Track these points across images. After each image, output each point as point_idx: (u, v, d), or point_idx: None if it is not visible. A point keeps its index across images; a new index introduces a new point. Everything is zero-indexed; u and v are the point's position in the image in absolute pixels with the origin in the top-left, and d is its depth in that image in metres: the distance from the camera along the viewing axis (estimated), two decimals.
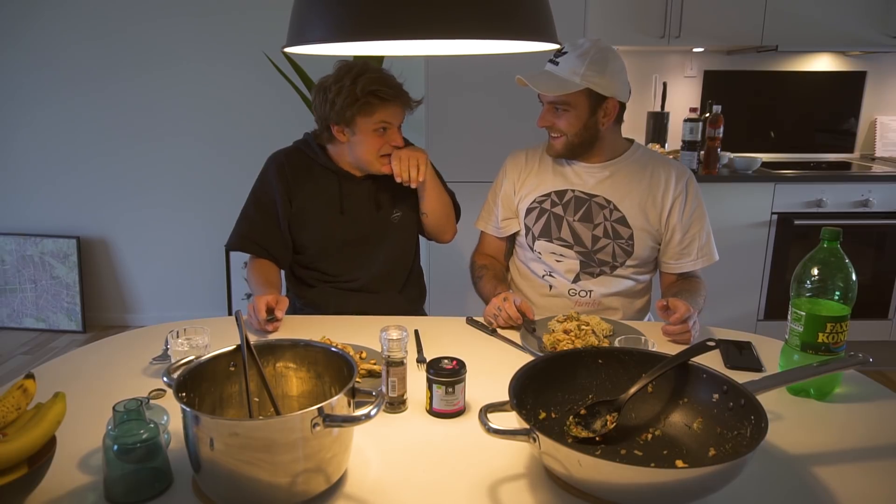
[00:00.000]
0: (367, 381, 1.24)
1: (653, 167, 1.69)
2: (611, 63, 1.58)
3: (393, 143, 1.69)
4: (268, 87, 3.32)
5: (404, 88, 1.68)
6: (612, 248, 1.68)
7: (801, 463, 1.00)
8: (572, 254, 1.71)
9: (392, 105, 1.64)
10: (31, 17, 3.35)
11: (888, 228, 3.18)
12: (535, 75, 1.61)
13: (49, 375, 1.27)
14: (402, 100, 1.66)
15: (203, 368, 0.98)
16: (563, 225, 1.70)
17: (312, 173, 1.76)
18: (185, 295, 3.71)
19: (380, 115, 1.64)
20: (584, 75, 1.56)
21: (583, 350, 1.15)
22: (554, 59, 1.62)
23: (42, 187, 3.57)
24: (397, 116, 1.68)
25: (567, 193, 1.71)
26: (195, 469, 0.89)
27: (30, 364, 3.23)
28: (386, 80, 1.64)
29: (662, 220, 1.68)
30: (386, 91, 1.62)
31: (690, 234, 1.68)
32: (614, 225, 1.67)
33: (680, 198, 1.66)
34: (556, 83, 1.58)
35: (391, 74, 1.67)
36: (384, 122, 1.65)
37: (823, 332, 1.16)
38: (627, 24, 3.15)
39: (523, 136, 2.06)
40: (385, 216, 1.80)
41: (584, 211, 1.69)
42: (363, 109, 1.62)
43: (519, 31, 0.92)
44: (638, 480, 0.81)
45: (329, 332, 1.39)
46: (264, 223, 1.75)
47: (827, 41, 3.24)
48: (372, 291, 1.80)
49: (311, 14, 0.92)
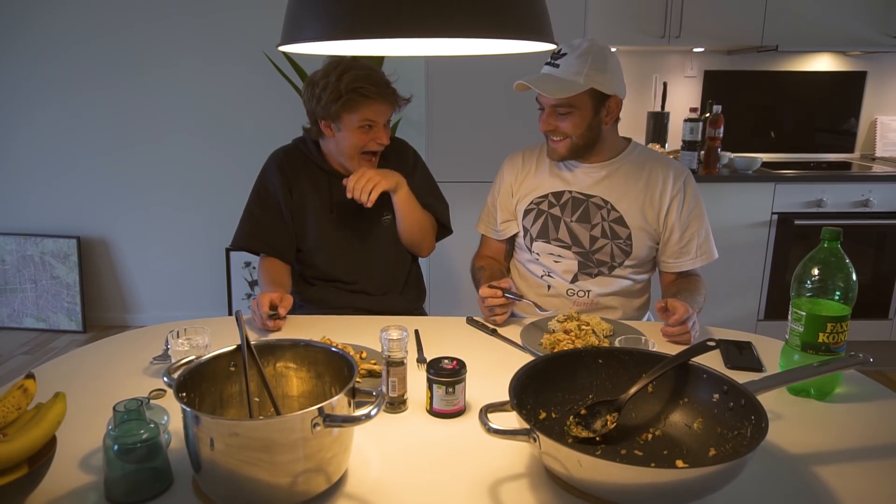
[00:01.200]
0: (367, 381, 1.24)
1: (650, 166, 1.69)
2: (610, 61, 1.58)
3: (378, 140, 1.68)
4: (267, 87, 3.32)
5: (393, 86, 1.67)
6: (610, 248, 1.68)
7: (802, 463, 1.00)
8: (570, 254, 1.70)
9: (376, 103, 1.63)
10: (32, 17, 3.35)
11: (888, 228, 3.18)
12: (537, 79, 1.59)
13: (49, 375, 1.27)
14: (387, 98, 1.65)
15: (203, 368, 0.98)
16: (560, 226, 1.70)
17: (308, 169, 1.77)
18: (185, 295, 3.71)
19: (364, 112, 1.63)
20: (588, 75, 1.55)
21: (583, 350, 1.15)
22: (553, 61, 1.61)
23: (42, 187, 3.57)
24: (382, 114, 1.66)
25: (564, 194, 1.70)
26: (195, 469, 0.89)
27: (30, 364, 3.23)
28: (371, 77, 1.63)
29: (661, 220, 1.67)
30: (369, 89, 1.61)
31: (689, 232, 1.68)
32: (612, 225, 1.67)
33: (678, 196, 1.66)
34: (560, 85, 1.57)
35: (380, 71, 1.67)
36: (368, 119, 1.64)
37: (824, 332, 1.16)
38: (627, 24, 3.15)
39: (523, 136, 2.07)
40: (374, 217, 1.79)
41: (581, 211, 1.69)
42: (347, 106, 1.61)
43: (515, 30, 0.92)
44: (638, 480, 0.81)
45: (329, 332, 1.40)
46: (268, 219, 1.76)
47: (827, 41, 3.24)
48: (372, 293, 1.80)
49: (306, 12, 0.91)
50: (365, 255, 1.80)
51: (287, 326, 1.52)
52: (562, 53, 1.59)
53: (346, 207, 1.75)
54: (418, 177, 1.83)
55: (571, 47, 1.58)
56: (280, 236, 1.75)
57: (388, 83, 1.66)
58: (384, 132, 1.69)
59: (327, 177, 1.77)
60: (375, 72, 1.65)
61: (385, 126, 1.69)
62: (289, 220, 1.75)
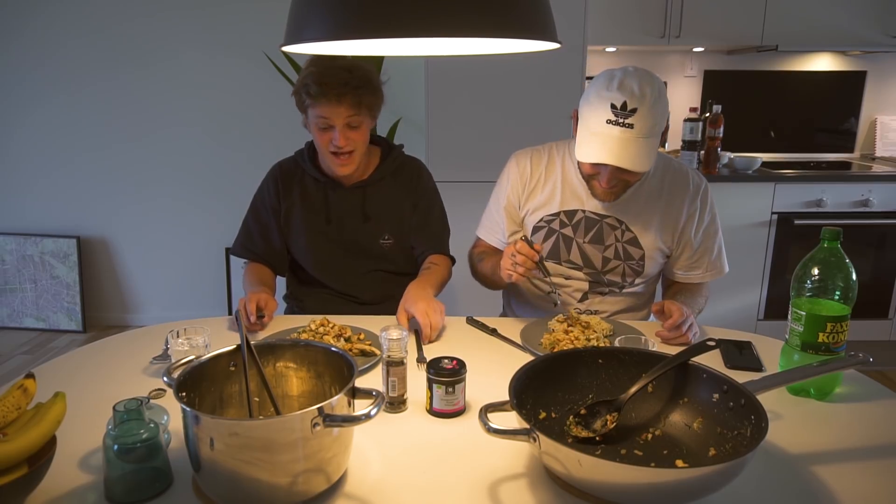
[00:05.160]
0: (358, 359, 1.25)
1: (670, 180, 1.61)
2: (665, 94, 1.45)
3: (334, 141, 1.60)
4: (267, 87, 3.31)
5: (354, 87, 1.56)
6: (622, 268, 1.62)
7: (802, 463, 1.00)
8: (581, 275, 1.64)
9: (323, 103, 1.56)
10: (31, 16, 3.35)
11: (888, 228, 3.18)
12: (623, 154, 1.39)
13: (49, 375, 1.27)
14: (331, 99, 1.55)
15: (203, 368, 0.98)
16: (573, 247, 1.62)
17: (302, 181, 1.75)
18: (185, 295, 3.71)
19: (316, 110, 1.58)
20: (660, 125, 1.43)
21: (583, 350, 1.15)
22: (622, 121, 1.39)
23: (42, 187, 3.57)
24: (337, 116, 1.57)
25: (577, 213, 1.61)
26: (195, 469, 0.89)
27: (30, 364, 3.22)
28: (322, 76, 1.55)
29: (675, 237, 1.61)
30: (312, 87, 1.55)
31: (702, 248, 1.62)
32: (626, 246, 1.60)
33: (695, 214, 1.60)
34: (646, 155, 1.41)
35: (340, 71, 1.56)
36: (321, 117, 1.59)
37: (824, 331, 1.16)
38: (627, 24, 3.15)
39: (523, 136, 2.06)
40: (373, 239, 1.75)
41: (594, 232, 1.61)
42: (301, 103, 1.61)
43: (518, 29, 0.92)
44: (638, 480, 0.81)
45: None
46: (259, 232, 1.77)
47: (827, 41, 3.24)
48: (367, 304, 1.79)
49: (309, 12, 0.92)
50: (359, 273, 1.77)
51: (286, 322, 1.52)
52: (631, 110, 1.38)
53: (345, 217, 1.74)
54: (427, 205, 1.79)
55: (636, 97, 1.38)
56: (270, 248, 1.77)
57: (344, 83, 1.55)
58: (341, 134, 1.59)
59: (323, 187, 1.74)
60: (332, 71, 1.56)
61: (344, 128, 1.59)
62: (278, 234, 1.76)
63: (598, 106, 1.41)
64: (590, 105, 1.43)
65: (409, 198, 1.77)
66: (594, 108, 1.42)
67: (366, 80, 1.59)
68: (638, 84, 1.39)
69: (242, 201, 1.80)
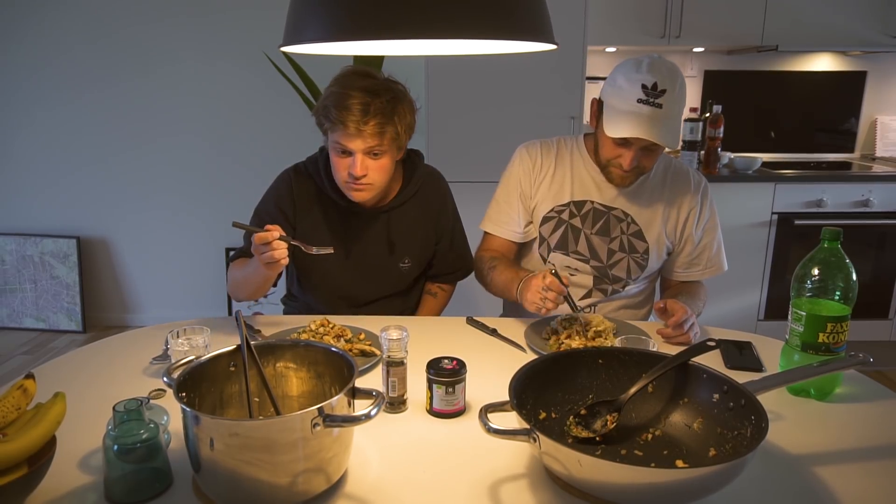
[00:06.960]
0: (358, 359, 1.25)
1: (672, 176, 1.65)
2: (685, 84, 1.51)
3: (352, 170, 1.45)
4: (268, 88, 3.31)
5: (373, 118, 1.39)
6: (626, 262, 1.63)
7: (802, 463, 1.00)
8: (587, 268, 1.64)
9: (342, 130, 1.41)
10: (32, 19, 3.35)
11: (888, 228, 3.18)
12: (654, 130, 1.44)
13: (49, 375, 1.27)
14: (357, 129, 1.40)
15: (203, 368, 0.98)
16: (580, 238, 1.64)
17: (320, 200, 1.61)
18: (185, 295, 3.71)
19: (334, 135, 1.45)
20: (681, 110, 1.50)
21: (583, 350, 1.15)
22: (653, 100, 1.44)
23: (42, 187, 3.57)
24: (356, 145, 1.43)
25: (586, 204, 1.64)
26: (195, 469, 0.89)
27: (30, 364, 3.22)
28: (343, 98, 1.39)
29: (678, 232, 1.64)
30: (332, 112, 1.40)
31: (701, 245, 1.66)
32: (631, 239, 1.63)
33: (696, 209, 1.63)
34: (675, 135, 1.48)
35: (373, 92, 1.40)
36: (339, 144, 1.44)
37: (824, 332, 1.16)
38: (627, 24, 3.15)
39: (523, 136, 2.05)
40: (393, 263, 1.65)
41: (601, 224, 1.63)
42: (321, 125, 1.48)
43: (515, 31, 0.92)
44: (638, 480, 0.81)
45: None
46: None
47: (827, 41, 3.24)
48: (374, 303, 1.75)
49: (308, 13, 0.92)
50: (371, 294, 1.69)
51: (286, 322, 1.52)
52: (661, 91, 1.44)
53: (367, 251, 1.63)
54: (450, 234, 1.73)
55: (667, 79, 1.45)
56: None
57: (365, 110, 1.39)
58: (360, 162, 1.44)
59: (345, 214, 1.60)
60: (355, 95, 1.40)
61: (365, 156, 1.44)
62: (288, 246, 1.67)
63: (628, 87, 1.46)
64: (618, 88, 1.49)
65: (432, 220, 1.70)
66: (623, 90, 1.47)
67: (391, 108, 1.42)
68: (667, 68, 1.47)
69: (242, 202, 1.79)
